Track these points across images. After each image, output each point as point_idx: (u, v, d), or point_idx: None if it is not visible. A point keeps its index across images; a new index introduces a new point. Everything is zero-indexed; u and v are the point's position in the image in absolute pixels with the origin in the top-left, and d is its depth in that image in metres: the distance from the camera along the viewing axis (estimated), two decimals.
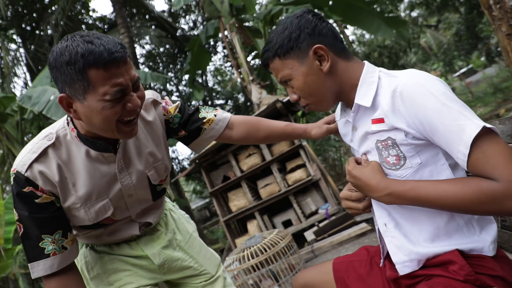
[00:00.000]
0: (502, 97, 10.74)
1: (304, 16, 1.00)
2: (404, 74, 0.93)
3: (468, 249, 0.92)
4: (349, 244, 4.06)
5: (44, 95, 4.19)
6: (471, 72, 24.03)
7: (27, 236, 1.04)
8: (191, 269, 1.38)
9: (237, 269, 3.47)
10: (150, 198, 1.26)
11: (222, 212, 5.44)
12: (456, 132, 0.80)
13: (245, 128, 1.38)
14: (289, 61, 1.00)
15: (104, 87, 0.91)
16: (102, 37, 0.91)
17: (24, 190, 1.01)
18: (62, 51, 0.90)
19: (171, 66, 15.40)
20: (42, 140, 1.04)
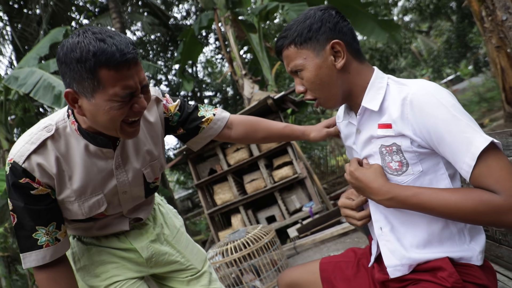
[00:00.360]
0: (487, 107, 10.98)
1: (328, 11, 1.00)
2: (414, 83, 0.94)
3: (458, 257, 0.95)
4: (331, 243, 4.12)
5: (31, 77, 4.08)
6: (458, 80, 24.49)
7: (21, 226, 1.03)
8: (178, 263, 1.38)
9: (219, 262, 3.49)
10: (143, 195, 1.26)
11: (207, 205, 5.43)
12: (463, 144, 0.83)
13: (244, 128, 1.38)
14: (305, 51, 0.99)
15: (114, 88, 0.90)
16: (114, 36, 0.89)
17: (20, 181, 0.99)
18: (73, 47, 0.87)
19: (162, 54, 15.20)
20: (41, 131, 1.02)
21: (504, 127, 6.22)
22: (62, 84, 4.23)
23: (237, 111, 13.83)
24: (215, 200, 5.39)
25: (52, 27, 7.89)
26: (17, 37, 8.06)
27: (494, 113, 9.41)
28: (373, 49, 14.56)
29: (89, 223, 1.20)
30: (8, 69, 9.01)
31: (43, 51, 5.15)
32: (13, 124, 5.36)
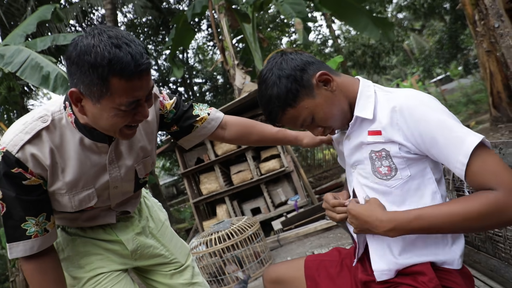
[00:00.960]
0: (474, 109, 11.16)
1: (285, 59, 1.01)
2: (401, 92, 0.98)
3: (441, 261, 0.98)
4: (314, 237, 4.17)
5: (18, 56, 3.96)
6: (447, 80, 24.83)
7: (10, 216, 1.01)
8: (162, 257, 1.38)
9: (203, 252, 3.50)
10: (132, 190, 1.25)
11: (192, 194, 5.42)
12: (456, 143, 0.85)
13: (238, 130, 1.38)
14: (303, 103, 1.00)
15: (121, 98, 0.89)
16: (130, 43, 0.86)
17: (12, 170, 0.97)
18: (87, 50, 0.84)
19: (152, 38, 14.94)
20: (36, 121, 0.99)
21: (489, 131, 6.34)
22: (50, 65, 4.13)
23: (227, 100, 13.76)
24: (201, 190, 5.39)
25: (40, 4, 7.66)
26: (3, 12, 7.80)
27: (480, 116, 9.58)
28: (365, 45, 14.59)
29: (76, 214, 1.18)
30: None
31: (30, 28, 5.00)
32: None
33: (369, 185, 1.03)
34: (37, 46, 4.69)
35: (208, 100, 16.12)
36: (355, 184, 1.08)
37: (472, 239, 1.28)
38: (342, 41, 16.49)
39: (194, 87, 16.94)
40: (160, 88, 1.27)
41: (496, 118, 6.25)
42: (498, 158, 0.84)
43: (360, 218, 0.96)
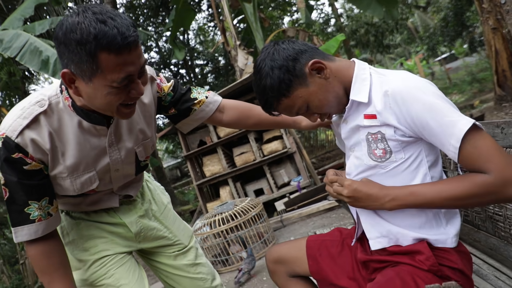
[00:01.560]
0: (478, 87, 11.04)
1: (277, 50, 1.01)
2: (394, 75, 0.98)
3: (434, 239, 1.00)
4: (317, 217, 4.21)
5: (17, 40, 3.91)
6: (452, 58, 24.46)
7: (13, 200, 1.02)
8: (165, 239, 1.40)
9: (207, 233, 3.55)
10: (134, 173, 1.26)
11: (196, 176, 5.46)
12: (448, 127, 0.86)
13: (236, 114, 1.38)
14: (296, 92, 1.01)
15: (113, 74, 0.87)
16: (115, 17, 0.85)
17: (13, 156, 0.98)
18: (72, 28, 0.83)
19: (152, 19, 14.74)
20: (33, 106, 0.99)
21: (494, 110, 6.29)
22: (49, 49, 4.08)
23: (229, 82, 13.66)
24: (204, 172, 5.42)
25: None
26: None
27: (485, 95, 9.48)
28: (369, 24, 14.32)
29: (79, 198, 1.19)
30: None
31: (28, 12, 4.93)
32: None
33: (363, 167, 1.04)
34: (36, 30, 4.64)
35: (210, 82, 16.02)
36: (350, 165, 1.10)
37: (472, 218, 1.29)
38: (344, 19, 16.19)
39: (196, 69, 16.81)
40: (157, 71, 1.26)
41: (500, 97, 6.18)
42: (490, 142, 0.85)
43: (362, 191, 0.99)
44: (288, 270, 1.30)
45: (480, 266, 1.21)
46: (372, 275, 1.08)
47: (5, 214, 5.80)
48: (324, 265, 1.21)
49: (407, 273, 0.96)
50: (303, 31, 7.05)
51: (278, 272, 1.32)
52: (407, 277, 0.95)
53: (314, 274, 1.23)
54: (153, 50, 16.03)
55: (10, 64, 4.62)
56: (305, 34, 7.02)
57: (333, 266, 1.19)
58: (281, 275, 1.32)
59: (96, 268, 1.24)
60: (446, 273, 0.96)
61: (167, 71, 16.12)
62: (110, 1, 8.32)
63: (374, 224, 1.06)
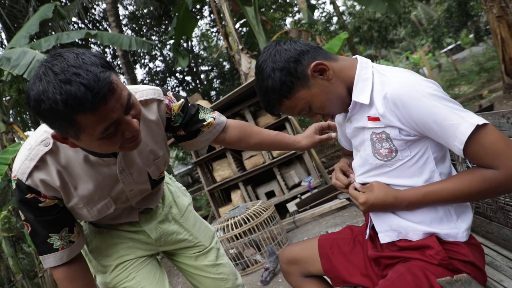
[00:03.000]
0: (487, 77, 10.89)
1: (278, 51, 0.99)
2: (393, 76, 0.96)
3: (445, 233, 0.99)
4: (329, 217, 4.19)
5: (24, 58, 4.00)
6: (459, 49, 24.17)
7: (35, 234, 1.08)
8: (186, 241, 1.43)
9: (221, 238, 3.56)
10: (150, 188, 1.27)
11: (207, 182, 5.48)
12: (450, 130, 0.86)
13: (239, 133, 1.38)
14: (298, 94, 1.00)
15: (96, 128, 0.83)
16: (79, 70, 0.78)
17: (26, 196, 1.01)
18: (40, 99, 0.78)
19: (155, 29, 14.88)
20: (38, 146, 1.00)
21: (503, 99, 6.20)
22: None
23: (235, 86, 13.70)
24: (214, 177, 5.44)
25: (41, 3, 7.68)
26: (6, 15, 7.85)
27: (493, 84, 9.35)
28: (371, 19, 14.24)
29: None
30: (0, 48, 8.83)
31: (33, 29, 5.03)
32: (9, 106, 5.32)
33: (369, 166, 1.05)
34: (42, 47, 4.73)
35: (216, 87, 16.08)
36: (356, 165, 1.10)
37: (484, 210, 1.28)
38: (347, 17, 16.13)
39: (201, 75, 16.91)
40: (165, 89, 1.23)
41: (509, 85, 6.09)
42: (496, 137, 0.84)
43: (378, 204, 1.01)
44: (302, 270, 1.31)
45: (494, 258, 1.20)
46: (384, 272, 1.08)
47: (22, 229, 5.90)
48: (336, 263, 1.22)
49: (418, 268, 0.96)
50: (305, 31, 7.06)
51: (292, 273, 1.33)
52: (418, 272, 0.94)
53: (328, 272, 1.23)
54: (157, 59, 16.18)
55: (19, 82, 4.72)
56: (307, 34, 7.03)
57: (346, 264, 1.20)
58: (295, 276, 1.32)
59: (118, 272, 1.28)
60: (457, 267, 0.96)
61: (172, 79, 16.24)
62: (113, 13, 8.43)
63: (384, 218, 1.06)
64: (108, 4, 8.39)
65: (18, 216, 6.33)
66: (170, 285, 1.40)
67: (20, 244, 7.00)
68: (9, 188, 6.95)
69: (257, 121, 5.09)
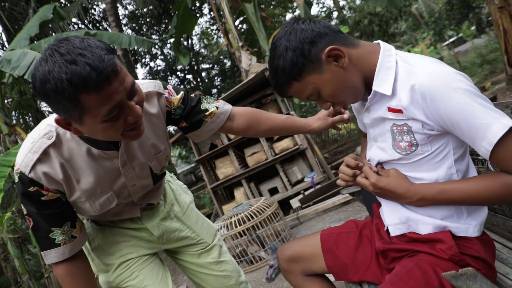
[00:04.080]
0: (489, 69, 10.80)
1: (295, 29, 0.94)
2: (422, 66, 0.89)
3: (455, 228, 0.97)
4: (333, 212, 4.18)
5: (24, 59, 4.00)
6: (460, 42, 24.00)
7: (37, 228, 1.07)
8: (188, 238, 1.43)
9: (225, 235, 3.56)
10: (151, 184, 1.27)
11: (209, 179, 5.48)
12: (480, 130, 0.81)
13: (246, 121, 1.35)
14: (308, 78, 0.95)
15: (99, 110, 0.84)
16: (85, 52, 0.80)
17: (29, 189, 1.01)
18: (45, 78, 0.79)
19: (156, 28, 14.88)
20: (42, 139, 1.00)
21: (506, 90, 6.15)
22: None
23: (236, 83, 13.69)
24: (217, 175, 5.44)
25: (41, 5, 7.68)
26: (6, 17, 7.86)
27: (496, 76, 9.28)
28: (372, 13, 14.15)
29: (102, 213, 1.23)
30: (0, 50, 8.85)
31: (33, 30, 5.03)
32: (11, 108, 5.33)
33: (386, 158, 1.01)
34: (42, 48, 4.73)
35: (217, 85, 16.07)
36: (372, 155, 1.06)
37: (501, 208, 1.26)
38: (347, 11, 16.05)
39: (202, 73, 16.89)
40: (165, 83, 1.23)
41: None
42: None
43: (389, 189, 0.97)
44: (304, 268, 1.27)
45: (500, 250, 1.19)
46: (391, 265, 1.07)
47: (27, 230, 5.93)
48: (342, 258, 1.19)
49: (427, 263, 0.94)
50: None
51: (293, 271, 1.29)
52: (427, 267, 0.93)
53: (331, 268, 1.21)
54: (158, 58, 16.17)
55: (21, 83, 4.73)
56: None
57: (351, 259, 1.17)
58: (296, 274, 1.29)
59: (121, 271, 1.28)
60: (468, 262, 0.93)
61: (173, 77, 16.24)
62: (113, 13, 8.42)
63: (394, 211, 1.04)
64: (108, 4, 8.38)
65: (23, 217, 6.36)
66: (175, 283, 1.40)
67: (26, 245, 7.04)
68: (13, 190, 6.98)
69: None
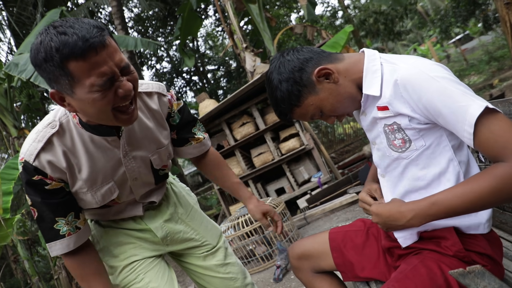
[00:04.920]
0: (497, 66, 10.70)
1: (282, 62, 1.02)
2: (403, 62, 0.94)
3: (466, 226, 0.97)
4: (340, 212, 4.17)
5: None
6: (467, 39, 23.77)
7: (42, 219, 1.08)
8: (193, 240, 1.43)
9: (231, 236, 3.57)
10: (153, 182, 1.28)
11: None
12: (460, 113, 0.82)
13: (212, 164, 1.45)
14: (307, 101, 1.02)
15: (89, 79, 0.86)
16: (75, 24, 0.85)
17: (33, 178, 1.03)
18: (38, 48, 0.85)
19: (161, 30, 14.96)
20: (45, 128, 1.04)
21: None
22: None
23: (242, 84, 13.70)
24: None
25: (48, 9, 7.77)
26: (14, 22, 7.96)
27: (504, 73, 9.19)
28: (377, 12, 14.08)
29: (104, 209, 1.25)
30: (9, 55, 8.97)
31: None
32: (20, 111, 5.40)
33: (388, 160, 1.03)
34: None
35: (223, 86, 16.10)
36: (376, 160, 1.09)
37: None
38: (352, 10, 15.99)
39: (208, 74, 16.94)
40: (168, 87, 1.29)
41: None
42: (506, 125, 0.79)
43: (383, 214, 0.96)
44: (313, 266, 1.30)
45: (508, 248, 1.18)
46: (397, 263, 1.07)
47: (37, 232, 6.00)
48: (349, 256, 1.21)
49: (432, 260, 0.94)
50: (311, 26, 7.01)
51: (303, 268, 1.32)
52: (432, 264, 0.93)
53: (339, 266, 1.22)
54: (164, 60, 16.25)
55: (29, 87, 4.78)
56: (313, 29, 6.98)
57: (359, 257, 1.19)
58: (306, 271, 1.31)
59: (127, 273, 1.28)
60: (473, 258, 0.94)
61: (179, 79, 16.31)
62: (119, 16, 8.49)
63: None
64: (114, 7, 8.44)
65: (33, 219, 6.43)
66: (184, 284, 1.41)
67: (35, 247, 7.11)
68: (23, 193, 7.06)
69: (265, 118, 5.08)
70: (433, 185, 0.96)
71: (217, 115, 5.21)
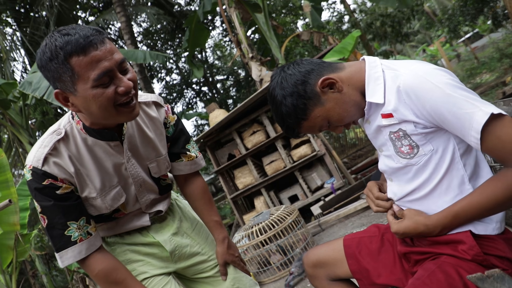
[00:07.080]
0: (509, 63, 10.51)
1: (284, 77, 1.02)
2: (405, 68, 0.94)
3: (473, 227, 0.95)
4: (355, 217, 4.12)
5: (44, 80, 4.14)
6: (477, 37, 23.50)
7: (53, 226, 1.06)
8: (200, 254, 1.41)
9: (246, 245, 3.55)
10: (157, 191, 1.30)
11: (229, 190, 5.50)
12: (466, 120, 0.82)
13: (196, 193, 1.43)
14: (313, 113, 1.01)
15: (88, 73, 0.92)
16: (77, 27, 0.94)
17: (43, 183, 1.04)
18: (43, 50, 0.93)
19: (170, 43, 15.16)
20: (51, 135, 1.07)
21: None
22: None
23: (251, 93, 13.76)
24: (236, 185, 5.45)
25: None
26: (28, 41, 8.19)
27: None
28: (383, 15, 14.03)
29: (112, 222, 1.25)
30: (23, 74, 9.20)
31: None
32: (34, 128, 5.52)
33: (395, 166, 1.02)
34: None
35: (233, 95, 16.19)
36: (382, 167, 1.08)
37: None
38: (358, 14, 15.98)
39: (217, 84, 17.07)
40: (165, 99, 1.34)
41: None
42: None
43: (411, 232, 0.98)
44: (329, 273, 1.28)
45: None
46: (414, 268, 1.05)
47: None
48: (364, 263, 1.19)
49: (450, 266, 0.92)
50: (317, 32, 7.03)
51: (318, 276, 1.30)
52: (450, 269, 0.91)
53: (355, 273, 1.20)
54: (173, 72, 16.45)
55: (43, 104, 4.89)
56: (319, 35, 7.00)
57: (374, 263, 1.17)
58: (322, 279, 1.29)
59: None
60: (493, 262, 0.91)
61: (189, 90, 16.47)
62: (128, 31, 8.65)
63: None
64: (123, 23, 8.61)
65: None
66: None
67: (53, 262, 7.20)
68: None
69: (275, 125, 5.08)
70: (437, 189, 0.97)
71: (228, 124, 5.24)
